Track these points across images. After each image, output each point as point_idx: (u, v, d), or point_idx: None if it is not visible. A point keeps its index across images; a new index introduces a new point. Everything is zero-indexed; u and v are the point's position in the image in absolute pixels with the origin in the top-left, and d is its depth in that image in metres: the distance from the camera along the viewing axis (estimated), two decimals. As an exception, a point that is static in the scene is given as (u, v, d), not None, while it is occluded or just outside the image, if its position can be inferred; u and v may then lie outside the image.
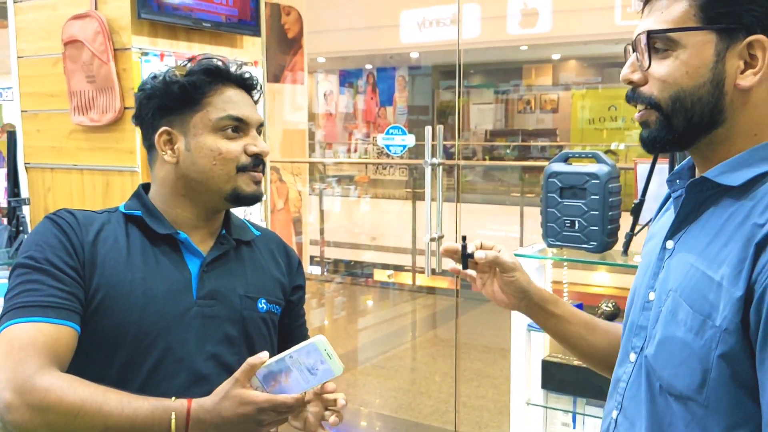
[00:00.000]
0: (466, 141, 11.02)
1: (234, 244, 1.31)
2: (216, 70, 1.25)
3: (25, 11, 2.78)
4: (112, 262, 1.18)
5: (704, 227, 0.93)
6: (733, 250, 0.86)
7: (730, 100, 0.90)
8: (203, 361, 1.19)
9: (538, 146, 10.49)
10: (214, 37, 2.80)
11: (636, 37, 0.93)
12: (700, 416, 0.88)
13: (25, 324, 1.08)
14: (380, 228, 7.91)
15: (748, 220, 0.86)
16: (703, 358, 0.86)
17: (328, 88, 10.62)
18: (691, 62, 0.89)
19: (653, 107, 0.93)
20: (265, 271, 1.34)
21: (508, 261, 1.18)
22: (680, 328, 0.89)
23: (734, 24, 0.88)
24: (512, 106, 11.53)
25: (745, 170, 0.90)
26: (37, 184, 2.84)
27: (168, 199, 1.26)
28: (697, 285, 0.89)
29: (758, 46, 0.87)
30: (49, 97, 2.73)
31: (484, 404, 3.91)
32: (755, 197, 0.88)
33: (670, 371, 0.91)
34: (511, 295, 1.20)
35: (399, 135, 3.32)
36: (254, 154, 1.24)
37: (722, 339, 0.85)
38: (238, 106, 1.25)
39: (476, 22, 7.63)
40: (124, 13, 2.47)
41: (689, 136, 0.93)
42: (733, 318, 0.84)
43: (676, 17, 0.90)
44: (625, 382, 1.00)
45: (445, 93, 11.18)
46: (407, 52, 9.94)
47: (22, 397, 1.01)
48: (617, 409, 1.01)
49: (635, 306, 1.03)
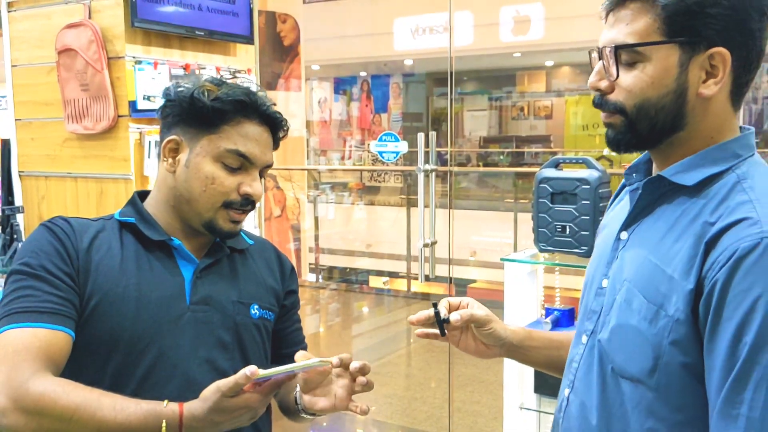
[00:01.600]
0: (459, 148, 11.05)
1: (228, 251, 1.32)
2: (244, 102, 1.22)
3: (19, 20, 2.79)
4: (105, 268, 1.19)
5: (657, 221, 0.99)
6: (685, 245, 0.93)
7: (692, 107, 0.96)
8: (197, 367, 1.20)
9: (531, 152, 10.52)
10: (207, 45, 2.81)
11: (602, 48, 0.98)
12: (649, 399, 0.95)
13: (20, 329, 1.09)
14: (375, 235, 7.92)
15: (699, 218, 0.93)
16: (655, 345, 0.94)
17: (323, 96, 10.64)
18: (656, 74, 0.95)
19: (619, 113, 0.98)
20: (258, 278, 1.35)
21: (482, 315, 1.19)
22: (634, 316, 0.96)
23: (696, 37, 0.93)
24: (506, 113, 11.56)
25: (698, 171, 0.96)
26: (32, 192, 2.84)
27: (160, 205, 1.28)
28: (651, 277, 0.96)
29: (719, 57, 0.93)
30: (43, 105, 2.74)
31: (479, 409, 3.91)
32: (707, 196, 0.95)
33: (623, 356, 0.98)
34: (491, 345, 1.21)
35: (392, 142, 3.34)
36: (245, 195, 1.23)
37: (674, 328, 0.92)
38: (251, 144, 1.23)
39: (469, 29, 7.67)
40: (118, 22, 2.49)
41: (652, 139, 0.99)
42: (685, 309, 0.91)
43: (641, 30, 0.94)
44: (577, 363, 1.07)
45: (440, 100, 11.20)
46: (401, 59, 9.98)
47: (16, 401, 1.02)
48: (569, 388, 1.08)
49: (589, 292, 1.09)
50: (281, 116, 1.28)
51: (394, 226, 7.63)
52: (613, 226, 1.08)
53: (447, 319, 1.19)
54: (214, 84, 1.24)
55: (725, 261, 0.88)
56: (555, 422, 1.15)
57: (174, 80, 1.30)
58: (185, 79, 1.27)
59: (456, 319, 1.17)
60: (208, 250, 1.29)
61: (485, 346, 1.22)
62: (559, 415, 1.11)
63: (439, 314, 1.19)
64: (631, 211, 1.03)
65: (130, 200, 1.31)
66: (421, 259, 3.23)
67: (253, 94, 1.24)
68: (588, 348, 1.06)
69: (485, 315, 1.20)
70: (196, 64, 2.72)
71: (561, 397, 1.11)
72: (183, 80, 1.27)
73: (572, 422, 1.07)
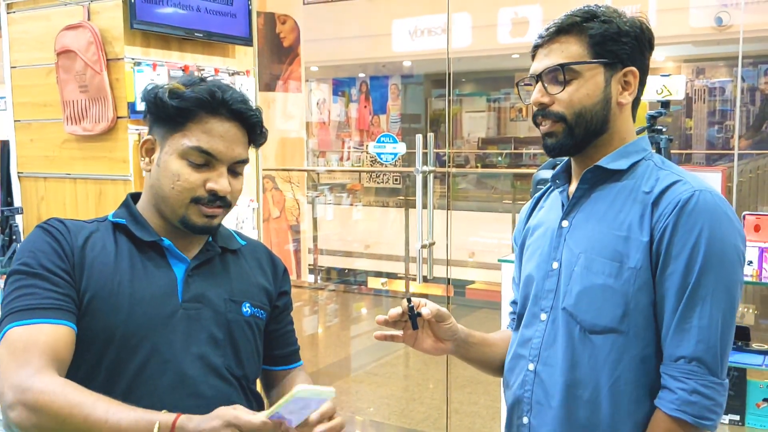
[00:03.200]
0: (458, 149, 11.05)
1: (219, 250, 1.33)
2: (206, 101, 1.22)
3: (19, 22, 2.80)
4: (99, 265, 1.21)
5: (596, 204, 1.24)
6: (631, 211, 1.19)
7: (613, 114, 1.24)
8: (189, 362, 1.21)
9: (530, 154, 10.53)
10: (206, 46, 2.82)
11: (541, 72, 1.23)
12: (621, 343, 1.18)
13: (25, 326, 1.11)
14: (374, 236, 7.92)
15: (635, 191, 1.21)
16: (623, 293, 1.17)
17: (321, 97, 10.64)
18: (590, 87, 1.22)
19: (560, 121, 1.23)
20: (249, 277, 1.36)
21: (444, 311, 1.32)
22: (599, 277, 1.19)
23: (615, 59, 1.22)
24: (504, 114, 11.56)
25: (625, 159, 1.24)
26: (30, 193, 2.85)
27: (148, 206, 1.30)
28: (606, 242, 1.20)
29: (631, 74, 1.24)
30: (42, 106, 2.75)
31: (476, 410, 3.92)
32: (635, 177, 1.23)
33: (592, 313, 1.20)
34: (447, 340, 1.35)
35: (390, 143, 3.35)
36: (211, 191, 1.23)
37: (637, 276, 1.17)
38: (216, 141, 1.22)
39: (467, 31, 7.68)
40: (117, 24, 2.50)
41: (585, 141, 1.24)
42: (643, 258, 1.16)
43: (575, 55, 1.22)
44: (540, 338, 1.27)
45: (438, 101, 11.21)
46: (400, 60, 9.99)
47: (20, 396, 1.05)
48: (533, 362, 1.27)
49: (536, 280, 1.30)
50: (251, 110, 1.26)
51: (392, 227, 7.63)
52: (549, 222, 1.32)
53: (420, 314, 1.28)
54: (185, 84, 1.25)
55: (671, 210, 1.15)
56: (517, 400, 1.30)
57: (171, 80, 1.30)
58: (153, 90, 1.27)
59: (427, 313, 1.29)
60: (200, 249, 1.31)
61: (441, 342, 1.34)
62: (523, 390, 1.28)
63: (413, 308, 1.27)
64: (571, 202, 1.28)
65: (124, 202, 1.33)
66: (419, 260, 3.24)
67: (219, 91, 1.23)
68: (550, 321, 1.26)
69: (446, 312, 1.33)
70: (195, 65, 2.73)
71: (523, 374, 1.29)
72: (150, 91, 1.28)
73: (544, 389, 1.25)
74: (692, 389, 1.12)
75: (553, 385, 1.23)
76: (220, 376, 1.24)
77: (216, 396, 1.21)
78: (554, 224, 1.30)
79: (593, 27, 1.21)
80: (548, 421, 1.24)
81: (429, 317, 1.29)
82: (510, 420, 1.34)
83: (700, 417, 1.12)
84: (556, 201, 1.34)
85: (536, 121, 1.27)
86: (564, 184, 1.33)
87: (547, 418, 1.24)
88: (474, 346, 1.40)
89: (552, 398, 1.23)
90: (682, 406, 1.13)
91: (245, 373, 1.30)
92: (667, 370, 1.16)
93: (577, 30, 1.22)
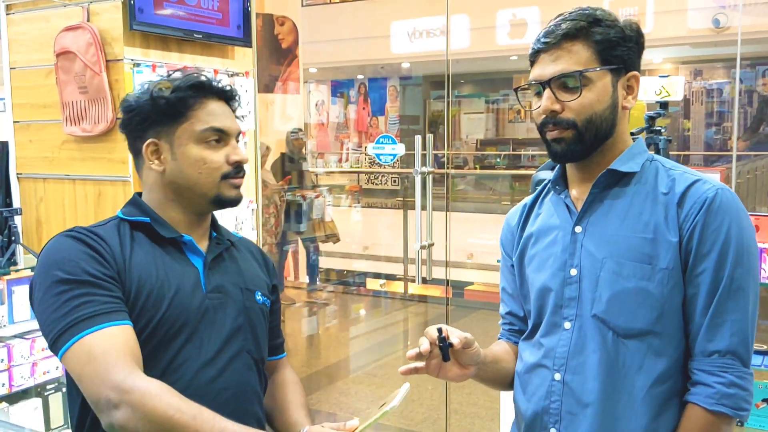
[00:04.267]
0: (456, 150, 11.06)
1: (228, 243, 1.41)
2: (200, 84, 1.31)
3: (18, 23, 2.80)
4: (137, 265, 1.26)
5: (612, 208, 1.24)
6: (654, 213, 1.20)
7: (619, 118, 1.26)
8: (216, 348, 1.28)
9: (528, 155, 10.54)
10: (205, 48, 2.82)
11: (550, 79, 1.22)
12: (656, 345, 1.19)
13: (96, 333, 1.15)
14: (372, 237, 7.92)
15: (652, 192, 1.22)
16: (658, 295, 1.18)
17: (320, 98, 10.65)
18: (600, 93, 1.22)
19: (571, 127, 1.22)
20: (253, 269, 1.44)
21: (469, 336, 1.28)
22: (631, 280, 1.19)
23: (621, 64, 1.23)
24: (502, 116, 11.57)
25: (634, 161, 1.25)
26: (30, 194, 2.85)
27: (159, 203, 1.34)
28: (632, 245, 1.20)
29: (633, 78, 1.25)
30: (41, 107, 2.75)
31: (476, 411, 3.92)
32: (646, 179, 1.24)
33: (626, 316, 1.20)
34: (471, 365, 1.30)
35: (389, 144, 3.35)
36: (235, 162, 1.33)
37: (670, 276, 1.18)
38: (220, 117, 1.32)
39: (466, 32, 7.68)
40: (117, 25, 2.50)
41: (594, 145, 1.24)
42: (674, 258, 1.18)
43: (584, 61, 1.21)
44: (566, 347, 1.25)
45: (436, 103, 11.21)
46: (398, 62, 9.99)
47: (125, 396, 1.09)
48: (560, 372, 1.25)
49: (555, 290, 1.27)
50: (233, 88, 1.38)
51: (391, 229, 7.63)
52: (557, 229, 1.30)
53: (452, 344, 1.22)
54: (164, 81, 1.33)
55: (699, 208, 1.17)
56: (541, 411, 1.27)
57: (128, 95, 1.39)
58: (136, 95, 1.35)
59: (457, 342, 1.23)
60: (209, 242, 1.38)
61: (465, 368, 1.29)
62: (549, 401, 1.26)
63: (445, 339, 1.22)
64: (584, 208, 1.27)
65: (133, 201, 1.37)
66: (418, 262, 3.24)
67: (203, 76, 1.33)
68: (576, 329, 1.24)
69: (471, 337, 1.28)
70: (194, 66, 2.73)
71: (547, 384, 1.27)
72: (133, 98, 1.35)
73: (576, 398, 1.23)
74: (730, 382, 1.14)
75: (587, 394, 1.22)
76: (242, 360, 1.32)
77: (239, 379, 1.30)
78: (565, 230, 1.28)
79: (600, 32, 1.21)
80: (582, 430, 1.22)
81: (459, 346, 1.24)
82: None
83: (738, 408, 1.15)
84: (557, 206, 1.32)
85: (543, 129, 1.25)
86: (564, 189, 1.32)
87: (581, 427, 1.22)
88: (488, 365, 1.37)
89: (586, 407, 1.22)
90: (722, 399, 1.14)
91: (262, 356, 1.39)
92: (700, 365, 1.17)
93: (584, 35, 1.21)
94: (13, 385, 2.56)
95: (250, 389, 1.33)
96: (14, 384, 2.56)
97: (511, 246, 1.41)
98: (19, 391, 2.62)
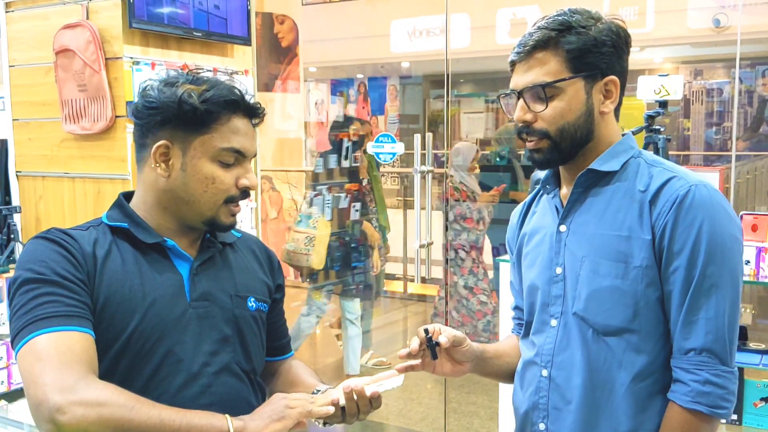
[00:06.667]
0: (456, 150, 11.05)
1: (220, 246, 1.33)
2: (234, 102, 1.23)
3: (17, 21, 2.80)
4: (110, 271, 1.20)
5: (592, 207, 1.25)
6: (629, 211, 1.20)
7: (597, 123, 1.25)
8: (201, 361, 1.22)
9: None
10: (205, 46, 2.82)
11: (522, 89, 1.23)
12: (635, 342, 1.20)
13: (53, 334, 1.09)
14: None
15: (630, 191, 1.22)
16: (633, 293, 1.19)
17: (319, 97, 10.65)
18: (572, 102, 1.22)
19: (545, 137, 1.24)
20: (250, 271, 1.37)
21: (459, 335, 1.32)
22: (606, 279, 1.20)
23: (594, 70, 1.22)
24: (502, 115, 11.57)
25: (615, 160, 1.25)
26: (29, 192, 2.85)
27: (151, 207, 1.27)
28: (608, 243, 1.21)
29: (612, 83, 1.24)
30: (40, 105, 2.75)
31: (474, 410, 3.92)
32: (627, 177, 1.24)
33: (603, 315, 1.21)
34: (466, 362, 1.34)
35: (388, 143, 3.35)
36: (244, 188, 1.26)
37: (644, 274, 1.18)
38: (242, 138, 1.24)
39: (466, 31, 7.68)
40: (116, 23, 2.50)
41: (571, 152, 1.25)
42: (648, 256, 1.18)
43: (554, 70, 1.21)
44: (552, 344, 1.27)
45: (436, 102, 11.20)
46: (398, 61, 9.99)
47: (72, 397, 1.02)
48: (547, 368, 1.28)
49: (541, 287, 1.30)
50: (258, 103, 1.29)
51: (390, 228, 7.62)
52: (546, 228, 1.33)
53: (438, 343, 1.27)
54: (193, 83, 1.23)
55: (670, 206, 1.16)
56: (531, 407, 1.30)
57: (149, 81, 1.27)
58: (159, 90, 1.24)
59: (444, 341, 1.28)
60: (200, 246, 1.30)
61: (459, 364, 1.34)
62: (538, 396, 1.29)
63: (431, 338, 1.27)
64: (566, 206, 1.28)
65: (117, 203, 1.31)
66: (417, 261, 3.24)
67: (237, 89, 1.25)
68: (561, 326, 1.27)
69: (461, 335, 1.32)
70: (193, 64, 2.73)
71: (536, 380, 1.30)
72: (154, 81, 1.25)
73: (560, 394, 1.26)
74: (705, 380, 1.15)
75: (571, 390, 1.24)
76: (231, 373, 1.25)
77: (228, 392, 1.23)
78: (551, 230, 1.31)
79: (570, 41, 1.20)
80: (567, 426, 1.25)
81: (447, 345, 1.28)
82: (523, 428, 1.34)
83: (714, 406, 1.15)
84: (549, 206, 1.35)
85: (521, 137, 1.28)
86: (554, 189, 1.34)
87: (566, 423, 1.25)
88: (489, 361, 1.40)
89: (570, 402, 1.24)
90: (697, 397, 1.15)
91: (253, 367, 1.32)
92: (678, 363, 1.18)
93: (553, 45, 1.21)
94: (12, 382, 2.56)
95: (241, 403, 1.25)
96: (13, 382, 2.56)
97: (513, 243, 1.44)
98: (18, 389, 2.62)
